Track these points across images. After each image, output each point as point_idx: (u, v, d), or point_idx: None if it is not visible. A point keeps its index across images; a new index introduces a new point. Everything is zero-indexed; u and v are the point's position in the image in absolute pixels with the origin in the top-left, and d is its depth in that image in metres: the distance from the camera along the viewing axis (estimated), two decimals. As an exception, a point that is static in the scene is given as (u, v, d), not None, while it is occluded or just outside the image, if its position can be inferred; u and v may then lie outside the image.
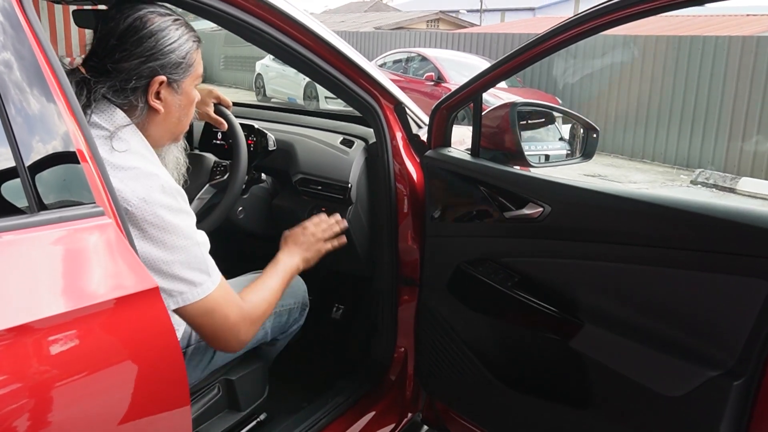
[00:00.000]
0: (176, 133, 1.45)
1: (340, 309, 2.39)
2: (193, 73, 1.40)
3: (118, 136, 1.27)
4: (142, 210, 1.21)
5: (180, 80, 1.37)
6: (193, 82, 1.42)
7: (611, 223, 1.45)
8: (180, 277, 1.25)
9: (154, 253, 1.22)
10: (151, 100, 1.33)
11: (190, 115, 1.46)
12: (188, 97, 1.41)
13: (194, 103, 1.45)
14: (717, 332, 1.28)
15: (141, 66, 1.30)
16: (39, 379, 0.89)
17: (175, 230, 1.25)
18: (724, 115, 10.05)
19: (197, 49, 1.41)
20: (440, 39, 16.49)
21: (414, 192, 1.92)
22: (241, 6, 1.50)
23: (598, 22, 1.43)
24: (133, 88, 1.31)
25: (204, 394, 1.65)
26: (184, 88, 1.39)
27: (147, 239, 1.22)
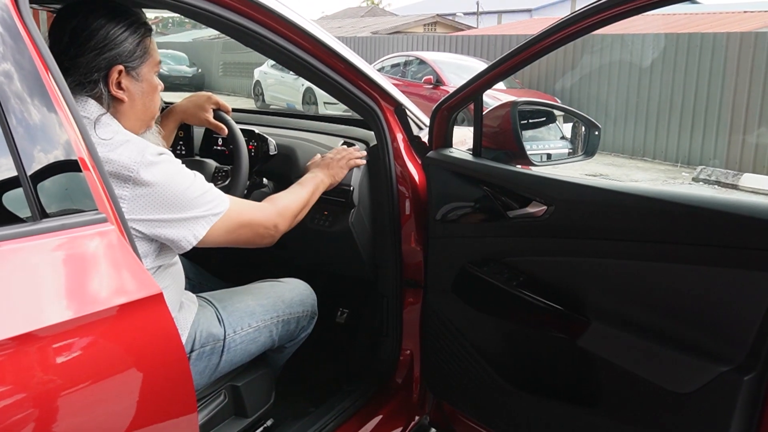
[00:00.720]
0: (147, 120, 1.50)
1: (345, 313, 2.38)
2: (150, 60, 1.45)
3: (101, 121, 1.35)
4: (143, 172, 1.31)
5: (138, 67, 1.42)
6: (152, 68, 1.47)
7: (616, 220, 1.44)
8: (197, 207, 1.38)
9: (165, 202, 1.34)
10: (114, 90, 1.39)
11: (156, 102, 1.51)
12: (150, 84, 1.46)
13: (157, 90, 1.50)
14: (726, 327, 1.27)
15: (97, 58, 1.36)
16: (44, 387, 0.89)
17: (176, 175, 1.37)
18: (724, 112, 10.04)
19: (150, 36, 1.46)
20: (438, 42, 16.51)
21: (416, 193, 1.91)
22: (240, 11, 1.50)
23: (594, 19, 1.43)
24: (94, 81, 1.37)
25: (210, 401, 1.64)
26: (144, 75, 1.44)
27: (152, 195, 1.32)
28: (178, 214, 1.35)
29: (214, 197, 1.43)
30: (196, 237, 1.39)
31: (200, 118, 1.88)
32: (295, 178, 2.08)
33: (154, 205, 1.33)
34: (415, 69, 12.65)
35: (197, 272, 1.98)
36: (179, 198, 1.35)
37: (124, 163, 1.29)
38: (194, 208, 1.38)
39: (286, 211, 1.63)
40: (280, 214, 1.60)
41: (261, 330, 1.70)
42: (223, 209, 1.43)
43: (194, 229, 1.38)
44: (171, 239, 1.37)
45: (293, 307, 1.80)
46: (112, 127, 1.36)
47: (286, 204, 1.65)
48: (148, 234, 1.35)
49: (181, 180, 1.37)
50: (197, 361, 1.56)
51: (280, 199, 1.66)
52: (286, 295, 1.81)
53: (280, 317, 1.75)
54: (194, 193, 1.39)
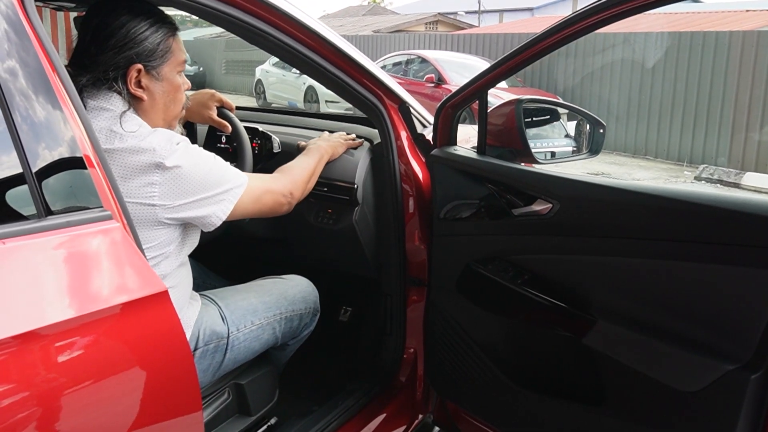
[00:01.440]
0: (169, 120, 1.51)
1: (348, 311, 2.38)
2: (172, 59, 1.45)
3: (126, 115, 1.37)
4: (172, 157, 1.34)
5: (158, 67, 1.42)
6: (175, 68, 1.47)
7: (621, 218, 1.43)
8: (222, 185, 1.43)
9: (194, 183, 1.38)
10: (132, 88, 1.39)
11: (179, 101, 1.51)
12: (171, 83, 1.47)
13: (181, 89, 1.50)
14: (732, 325, 1.27)
15: (116, 56, 1.36)
16: (48, 385, 0.88)
17: (199, 157, 1.41)
18: (727, 111, 10.03)
19: (173, 35, 1.46)
20: (439, 41, 16.50)
21: (420, 191, 1.90)
22: (244, 8, 1.49)
23: (596, 18, 1.42)
24: (114, 79, 1.37)
25: (214, 399, 1.64)
26: (165, 74, 1.44)
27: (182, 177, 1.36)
28: (208, 192, 1.40)
29: (234, 174, 1.49)
30: (224, 212, 1.44)
31: (204, 115, 1.88)
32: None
33: (185, 188, 1.37)
34: (416, 67, 12.64)
35: (201, 270, 1.97)
36: (206, 178, 1.40)
37: (156, 150, 1.32)
38: (220, 186, 1.43)
39: (298, 179, 1.69)
40: (293, 182, 1.66)
41: (264, 327, 1.70)
42: (244, 182, 1.49)
43: (222, 205, 1.43)
44: (202, 216, 1.41)
45: (296, 304, 1.80)
46: (136, 120, 1.38)
47: (296, 172, 1.71)
48: (180, 217, 1.38)
49: (205, 161, 1.42)
50: (201, 359, 1.56)
51: (290, 168, 1.72)
52: (289, 293, 1.80)
53: (283, 314, 1.75)
54: (218, 172, 1.44)
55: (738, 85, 9.89)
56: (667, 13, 15.78)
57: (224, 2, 1.44)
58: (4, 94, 0.93)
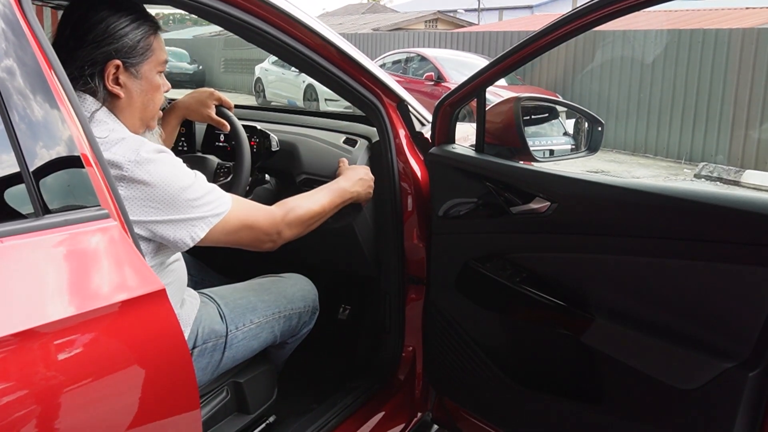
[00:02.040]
0: (146, 120, 1.46)
1: (347, 309, 2.38)
2: (153, 58, 1.42)
3: (95, 118, 1.32)
4: (137, 171, 1.27)
5: (138, 64, 1.39)
6: (155, 67, 1.43)
7: (619, 216, 1.43)
8: (197, 208, 1.35)
9: (162, 202, 1.30)
10: (110, 85, 1.36)
11: (158, 101, 1.47)
12: (150, 83, 1.43)
13: (160, 90, 1.46)
14: (730, 323, 1.27)
15: (94, 51, 1.33)
16: (46, 384, 0.88)
17: (174, 174, 1.33)
18: (726, 109, 10.03)
19: (154, 33, 1.42)
20: (439, 39, 16.50)
21: (419, 190, 1.91)
22: (242, 6, 1.49)
23: (595, 16, 1.42)
24: (90, 75, 1.34)
25: (212, 398, 1.64)
26: (144, 73, 1.41)
27: (149, 194, 1.29)
28: (177, 215, 1.32)
29: (216, 198, 1.40)
30: (193, 239, 1.36)
31: (202, 114, 1.87)
32: (297, 175, 2.08)
33: (151, 206, 1.30)
34: (416, 66, 12.63)
35: (200, 269, 1.98)
36: (177, 198, 1.32)
37: (118, 162, 1.26)
38: (194, 209, 1.35)
39: (295, 218, 1.57)
40: (287, 221, 1.55)
41: (263, 326, 1.70)
42: (224, 210, 1.40)
43: (192, 231, 1.35)
44: (168, 239, 1.34)
45: (295, 302, 1.80)
46: (108, 125, 1.33)
47: (298, 213, 1.58)
48: (145, 235, 1.32)
49: (180, 179, 1.34)
50: (199, 358, 1.56)
51: (292, 207, 1.59)
52: (288, 291, 1.80)
53: (282, 313, 1.75)
54: (194, 193, 1.35)
55: (738, 83, 9.88)
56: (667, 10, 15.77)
57: (222, 1, 1.44)
58: (1, 93, 0.93)
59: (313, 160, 2.07)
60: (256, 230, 1.49)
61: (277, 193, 2.14)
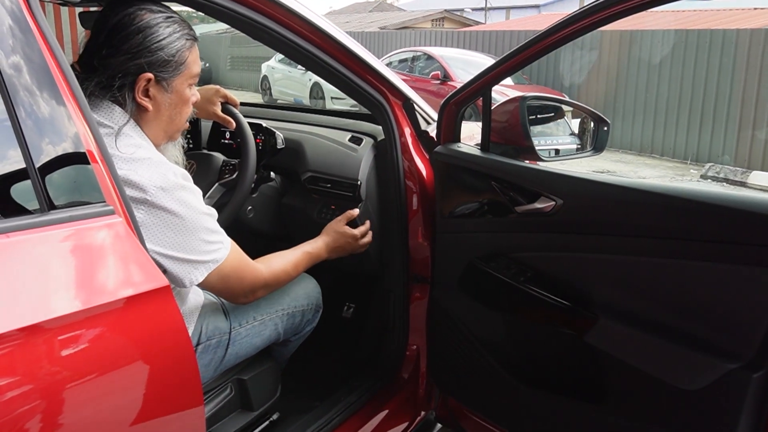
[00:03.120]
0: (171, 132, 1.44)
1: (351, 308, 2.38)
2: (186, 72, 1.39)
3: (123, 132, 1.29)
4: (161, 197, 1.25)
5: (170, 78, 1.36)
6: (187, 81, 1.40)
7: (625, 216, 1.43)
8: (204, 252, 1.33)
9: (177, 236, 1.28)
10: (139, 98, 1.33)
11: (185, 115, 1.45)
12: (180, 96, 1.40)
13: (188, 103, 1.44)
14: (735, 324, 1.26)
15: (127, 63, 1.30)
16: (50, 379, 0.89)
17: (196, 209, 1.31)
18: (734, 109, 9.99)
19: (190, 47, 1.39)
20: (445, 38, 16.47)
21: (424, 188, 1.90)
22: (249, 5, 1.49)
23: (602, 15, 1.42)
24: (120, 86, 1.30)
25: (216, 394, 1.64)
26: (175, 86, 1.38)
27: (166, 223, 1.26)
28: (185, 254, 1.29)
29: (220, 240, 1.38)
30: (191, 282, 1.33)
31: (208, 111, 1.87)
32: (302, 172, 2.08)
33: (167, 236, 1.26)
34: (422, 64, 12.62)
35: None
36: (192, 237, 1.30)
37: (142, 185, 1.23)
38: (203, 253, 1.33)
39: (272, 282, 1.57)
40: (265, 284, 1.55)
41: (266, 323, 1.70)
42: (223, 256, 1.37)
43: (193, 274, 1.32)
44: (171, 273, 1.29)
45: (298, 300, 1.80)
46: (133, 140, 1.30)
47: (278, 277, 1.59)
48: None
49: (199, 216, 1.31)
50: (203, 354, 1.57)
51: (276, 269, 1.58)
52: (292, 289, 1.81)
53: (285, 310, 1.76)
54: (206, 235, 1.33)
55: (745, 84, 9.84)
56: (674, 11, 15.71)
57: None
58: (8, 90, 0.93)
59: (319, 158, 2.07)
60: (243, 282, 1.47)
61: (282, 191, 2.14)
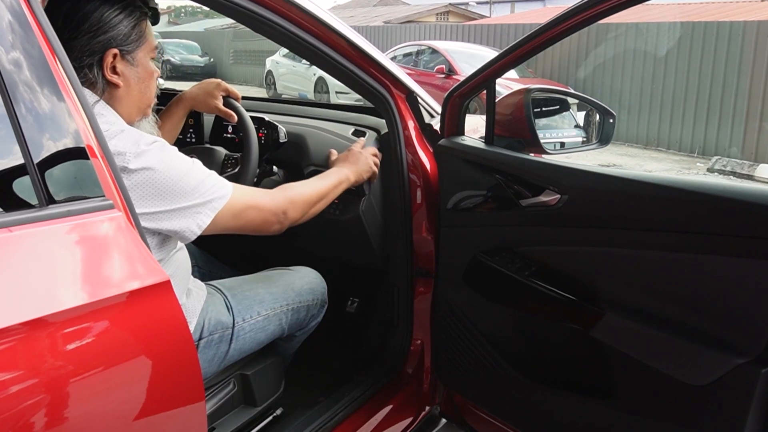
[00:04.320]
0: (143, 107, 1.46)
1: (355, 302, 2.37)
2: (146, 45, 1.41)
3: (96, 109, 1.31)
4: (139, 160, 1.26)
5: (133, 51, 1.38)
6: (148, 53, 1.42)
7: (631, 209, 1.42)
8: (198, 195, 1.33)
9: (163, 191, 1.29)
10: (108, 75, 1.35)
11: (152, 88, 1.46)
12: (146, 69, 1.42)
13: (153, 76, 1.46)
14: (743, 318, 1.25)
15: (91, 41, 1.32)
16: (50, 374, 0.88)
17: (172, 161, 1.31)
18: (740, 102, 9.93)
19: (145, 20, 1.41)
20: (450, 31, 16.43)
21: (427, 182, 1.89)
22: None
23: (606, 6, 1.40)
24: (89, 65, 1.33)
25: (219, 390, 1.64)
26: (140, 59, 1.40)
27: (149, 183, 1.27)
28: (179, 203, 1.31)
29: (215, 182, 1.38)
30: (200, 226, 1.34)
31: (210, 105, 1.87)
32: (305, 166, 2.07)
33: (153, 195, 1.28)
34: (427, 58, 12.60)
35: (207, 260, 1.97)
36: (178, 185, 1.30)
37: (122, 153, 1.25)
38: (195, 196, 1.33)
39: (298, 198, 1.56)
40: (290, 201, 1.54)
41: (270, 318, 1.69)
42: (226, 193, 1.38)
43: (197, 218, 1.34)
44: (174, 230, 1.32)
45: (303, 295, 1.79)
46: (106, 117, 1.31)
47: (299, 192, 1.58)
48: (150, 228, 1.30)
49: (178, 166, 1.32)
50: (206, 349, 1.56)
51: (292, 187, 1.60)
52: (296, 284, 1.80)
53: (290, 306, 1.75)
54: (194, 179, 1.34)
55: (752, 76, 9.78)
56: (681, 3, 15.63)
57: None
58: (6, 85, 0.93)
59: (322, 151, 2.06)
60: (263, 210, 1.48)
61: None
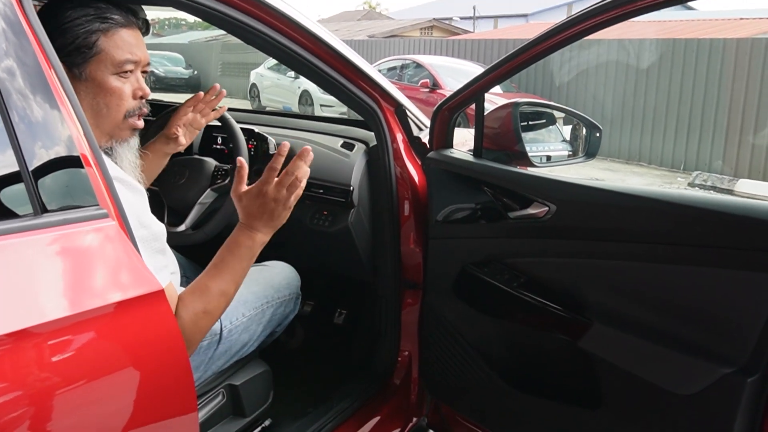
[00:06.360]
0: (104, 128, 1.33)
1: (343, 314, 2.37)
2: (100, 57, 1.29)
3: None
4: None
5: (80, 64, 1.27)
6: (107, 68, 1.30)
7: (618, 221, 1.44)
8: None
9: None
10: None
11: (114, 106, 1.32)
12: (99, 85, 1.30)
13: (116, 93, 1.32)
14: (729, 328, 1.27)
15: None
16: (42, 385, 0.88)
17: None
18: (720, 118, 10.08)
19: (107, 31, 1.29)
20: (434, 46, 16.53)
21: (416, 194, 1.90)
22: (243, 9, 1.49)
23: (590, 23, 1.43)
24: None
25: (208, 400, 1.63)
26: (89, 73, 1.28)
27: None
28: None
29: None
30: None
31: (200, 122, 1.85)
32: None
33: None
34: (411, 72, 12.65)
35: (195, 270, 1.97)
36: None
37: None
38: None
39: (207, 326, 1.32)
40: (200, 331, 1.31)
41: (253, 318, 1.69)
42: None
43: None
44: None
45: (281, 291, 1.80)
46: None
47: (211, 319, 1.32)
48: None
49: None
50: (194, 356, 1.55)
51: (207, 301, 1.29)
52: (275, 280, 1.80)
53: (270, 303, 1.75)
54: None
55: (732, 93, 9.93)
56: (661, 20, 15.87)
57: (222, 2, 1.44)
58: (1, 93, 0.93)
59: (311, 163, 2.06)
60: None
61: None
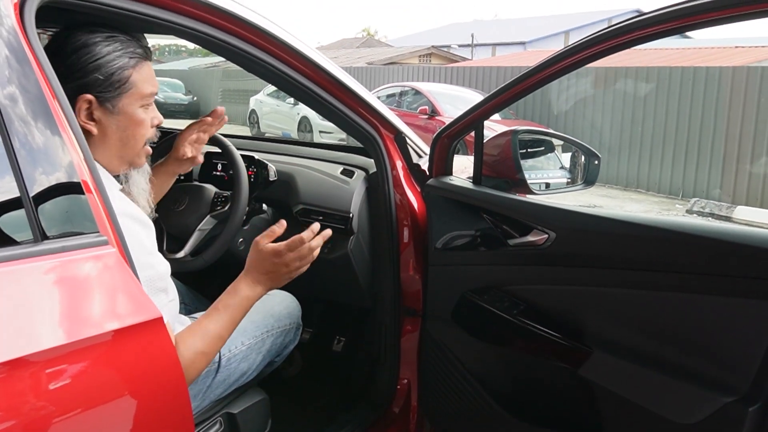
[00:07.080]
0: (127, 157, 1.37)
1: (342, 341, 2.36)
2: (132, 92, 1.32)
3: None
4: None
5: (113, 99, 1.30)
6: (137, 102, 1.34)
7: (618, 249, 1.44)
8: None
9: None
10: (81, 121, 1.26)
11: (140, 137, 1.37)
12: (130, 118, 1.33)
13: (143, 125, 1.36)
14: (730, 357, 1.26)
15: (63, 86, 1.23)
16: (39, 413, 0.87)
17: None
18: (718, 144, 10.14)
19: (135, 65, 1.32)
20: (433, 73, 16.66)
21: (415, 221, 1.91)
22: (244, 37, 1.51)
23: (589, 52, 1.45)
24: None
25: (206, 429, 1.61)
26: (122, 107, 1.31)
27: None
28: None
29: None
30: None
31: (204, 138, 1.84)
32: (294, 205, 2.07)
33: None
34: (410, 99, 12.73)
35: (193, 297, 1.96)
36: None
37: None
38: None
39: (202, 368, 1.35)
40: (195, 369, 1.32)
41: (252, 347, 1.68)
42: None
43: None
44: None
45: (282, 320, 1.79)
46: None
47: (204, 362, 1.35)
48: None
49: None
50: (192, 385, 1.54)
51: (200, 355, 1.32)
52: (275, 309, 1.80)
53: (270, 332, 1.74)
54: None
55: (729, 119, 10.00)
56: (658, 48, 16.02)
57: (224, 31, 1.45)
58: (3, 118, 0.93)
59: (311, 190, 2.07)
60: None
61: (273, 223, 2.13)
